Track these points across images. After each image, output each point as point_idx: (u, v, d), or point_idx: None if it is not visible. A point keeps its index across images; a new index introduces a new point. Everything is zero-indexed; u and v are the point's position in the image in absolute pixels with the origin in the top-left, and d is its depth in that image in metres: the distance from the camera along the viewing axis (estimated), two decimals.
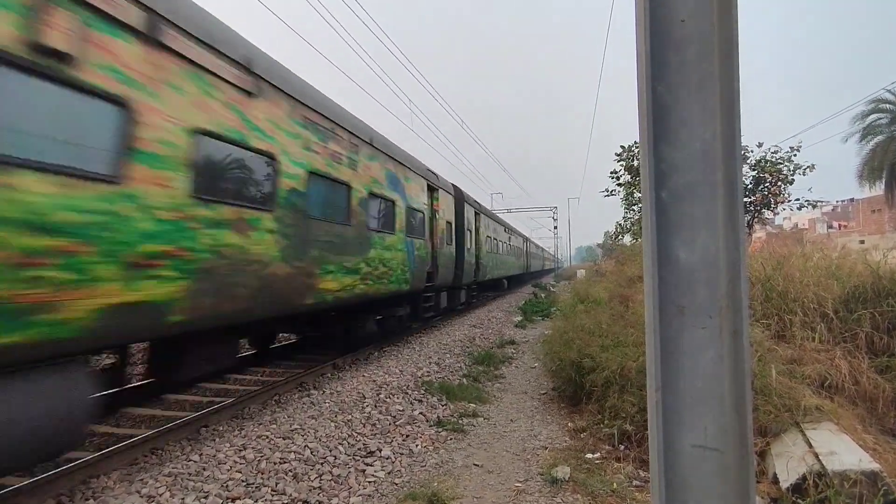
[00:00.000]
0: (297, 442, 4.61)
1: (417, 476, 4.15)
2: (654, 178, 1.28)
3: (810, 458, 3.50)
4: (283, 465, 4.14)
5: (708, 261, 1.23)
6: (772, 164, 15.19)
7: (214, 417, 5.31)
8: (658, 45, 1.28)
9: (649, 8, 1.28)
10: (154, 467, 4.11)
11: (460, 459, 4.52)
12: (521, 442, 4.99)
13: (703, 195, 1.24)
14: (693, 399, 1.24)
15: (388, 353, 9.39)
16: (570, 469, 4.17)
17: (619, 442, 4.76)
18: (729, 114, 1.22)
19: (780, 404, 4.20)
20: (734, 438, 1.20)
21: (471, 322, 14.22)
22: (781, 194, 15.29)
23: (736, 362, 1.21)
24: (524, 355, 9.78)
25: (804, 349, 5.49)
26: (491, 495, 3.84)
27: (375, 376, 7.25)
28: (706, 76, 1.25)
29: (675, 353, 1.25)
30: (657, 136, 1.28)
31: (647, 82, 1.28)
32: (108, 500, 3.49)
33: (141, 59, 3.88)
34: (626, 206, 20.00)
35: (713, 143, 1.24)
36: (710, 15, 1.24)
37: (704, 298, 1.23)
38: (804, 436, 3.84)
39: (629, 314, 8.62)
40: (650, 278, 1.26)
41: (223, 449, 4.41)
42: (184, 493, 3.60)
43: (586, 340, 6.47)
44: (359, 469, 4.20)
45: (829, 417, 4.14)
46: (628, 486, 3.97)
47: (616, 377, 5.28)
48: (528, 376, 7.95)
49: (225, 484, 3.77)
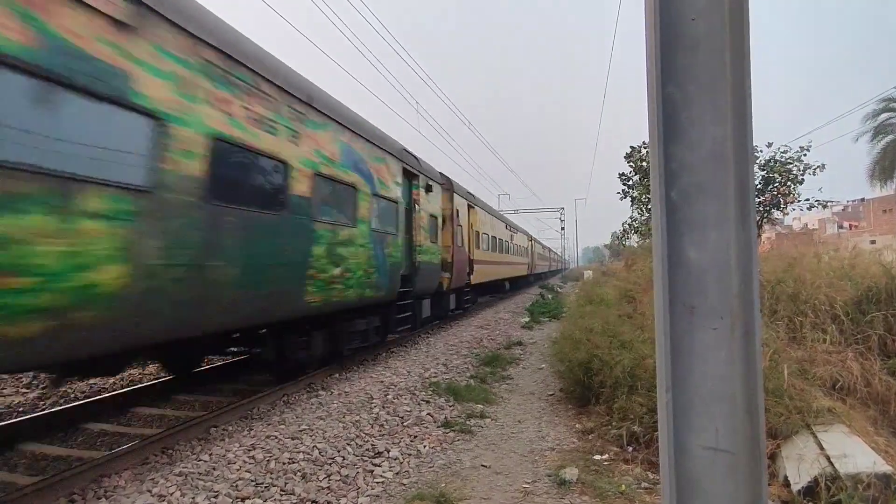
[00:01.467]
0: (306, 442, 4.63)
1: (425, 477, 4.15)
2: (664, 178, 1.27)
3: (822, 460, 3.46)
4: (292, 465, 4.15)
5: (719, 261, 1.22)
6: (781, 164, 15.05)
7: (224, 417, 5.34)
8: (668, 44, 1.27)
9: (659, 6, 1.28)
10: (165, 466, 4.14)
11: (468, 460, 4.52)
12: (529, 443, 4.97)
13: (713, 195, 1.23)
14: (704, 400, 1.23)
15: (396, 354, 9.40)
16: (579, 470, 4.15)
17: (628, 443, 4.74)
18: (741, 113, 1.21)
19: (791, 406, 4.17)
20: (746, 440, 1.19)
21: (477, 323, 14.21)
22: (791, 194, 15.15)
23: (748, 363, 1.20)
24: (531, 356, 9.75)
25: (815, 350, 5.44)
26: (499, 496, 3.83)
27: (383, 377, 7.26)
28: (717, 75, 1.23)
29: (686, 353, 1.24)
30: (667, 136, 1.27)
31: (656, 81, 1.28)
32: (119, 498, 3.52)
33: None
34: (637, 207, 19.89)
35: (724, 143, 1.23)
36: (722, 12, 1.23)
37: (715, 299, 1.22)
38: (815, 438, 3.80)
39: (637, 315, 8.58)
40: (660, 278, 1.26)
41: (233, 449, 4.43)
42: (194, 492, 3.62)
43: (594, 341, 6.45)
44: (367, 469, 4.21)
45: (840, 419, 4.10)
46: (637, 487, 3.95)
47: (625, 378, 5.25)
48: (536, 377, 7.93)
49: (234, 483, 3.79)
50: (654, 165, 1.29)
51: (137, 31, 3.84)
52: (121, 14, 3.70)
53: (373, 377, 7.27)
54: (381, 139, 8.57)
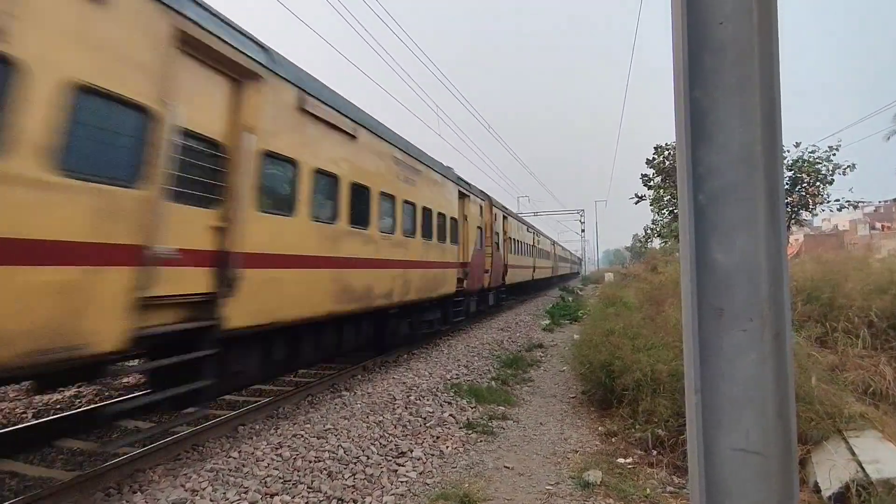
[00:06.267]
0: (331, 441, 4.71)
1: (448, 477, 4.19)
2: (692, 181, 1.28)
3: (853, 466, 3.39)
4: (318, 464, 4.23)
5: (747, 263, 1.22)
6: (809, 164, 14.71)
7: (251, 416, 5.46)
8: (696, 48, 1.28)
9: (686, 11, 1.29)
10: (196, 463, 4.26)
11: (490, 461, 4.53)
12: (552, 445, 4.96)
13: (741, 197, 1.23)
14: (733, 402, 1.23)
15: (417, 356, 9.46)
16: (602, 473, 4.13)
17: (652, 447, 4.69)
18: (769, 116, 1.21)
19: (822, 411, 4.08)
20: (777, 442, 1.19)
21: (498, 325, 14.19)
22: (820, 195, 14.79)
23: (778, 365, 1.19)
24: (552, 359, 9.71)
25: (846, 355, 5.31)
26: (522, 497, 3.84)
27: (405, 378, 7.32)
28: (745, 78, 1.24)
29: (714, 355, 1.24)
30: (695, 139, 1.27)
31: (684, 85, 1.28)
32: (154, 492, 3.64)
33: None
34: (657, 210, 19.64)
35: (752, 146, 1.23)
36: (750, 16, 1.24)
37: (744, 301, 1.22)
38: (847, 443, 3.72)
39: (660, 318, 8.48)
40: (688, 281, 1.26)
41: (260, 447, 4.53)
42: (225, 487, 3.72)
43: (616, 343, 6.40)
44: (391, 469, 4.26)
45: (873, 425, 4.00)
46: (662, 491, 3.92)
47: (648, 380, 5.20)
48: (557, 380, 7.90)
49: (263, 480, 3.88)
50: (681, 168, 1.29)
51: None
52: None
53: (395, 378, 7.33)
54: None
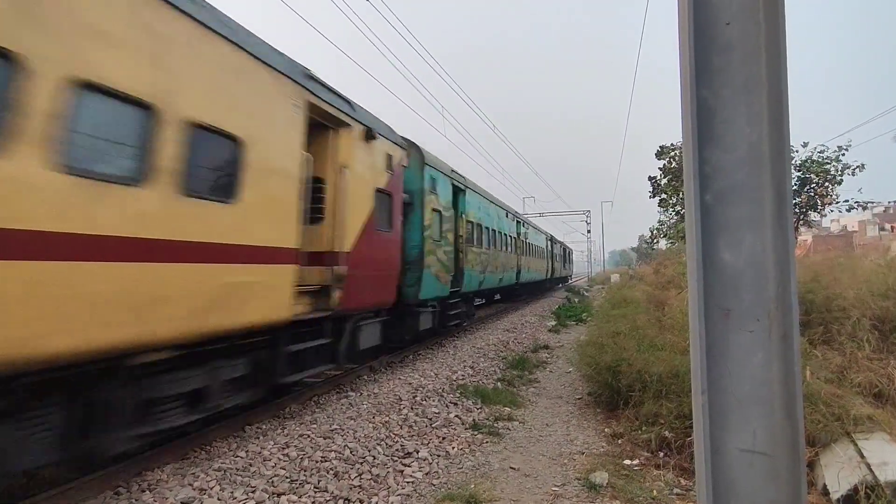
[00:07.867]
0: (338, 441, 4.72)
1: (454, 478, 4.19)
2: (699, 181, 1.28)
3: (862, 468, 3.37)
4: (325, 464, 4.24)
5: (754, 263, 1.22)
6: (818, 165, 14.60)
7: (257, 416, 5.48)
8: (702, 48, 1.28)
9: (693, 10, 1.29)
10: (204, 462, 4.28)
11: (496, 462, 4.53)
12: (558, 446, 4.96)
13: (748, 197, 1.23)
14: (740, 402, 1.22)
15: (423, 357, 9.47)
16: (609, 475, 4.12)
17: (658, 448, 4.68)
18: (776, 116, 1.21)
19: (829, 413, 4.06)
20: (785, 442, 1.18)
21: (504, 326, 14.18)
22: (829, 195, 14.68)
23: (785, 365, 1.19)
24: (558, 360, 9.69)
25: (854, 357, 5.28)
26: (528, 498, 3.84)
27: (411, 379, 7.33)
28: (752, 78, 1.24)
29: (721, 356, 1.24)
30: (701, 139, 1.27)
31: (690, 84, 1.28)
32: (163, 491, 3.66)
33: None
34: (663, 210, 19.56)
35: (760, 146, 1.23)
36: (757, 16, 1.24)
37: (751, 301, 1.22)
38: (855, 446, 3.70)
39: (665, 319, 8.45)
40: (695, 281, 1.26)
41: (267, 446, 4.55)
42: (232, 486, 3.75)
43: (622, 344, 6.39)
44: (397, 469, 4.27)
45: (881, 427, 3.97)
46: (669, 493, 3.90)
47: (653, 382, 5.19)
48: (563, 381, 7.88)
49: (270, 480, 3.90)
50: (688, 168, 1.29)
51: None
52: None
53: (401, 379, 7.34)
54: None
